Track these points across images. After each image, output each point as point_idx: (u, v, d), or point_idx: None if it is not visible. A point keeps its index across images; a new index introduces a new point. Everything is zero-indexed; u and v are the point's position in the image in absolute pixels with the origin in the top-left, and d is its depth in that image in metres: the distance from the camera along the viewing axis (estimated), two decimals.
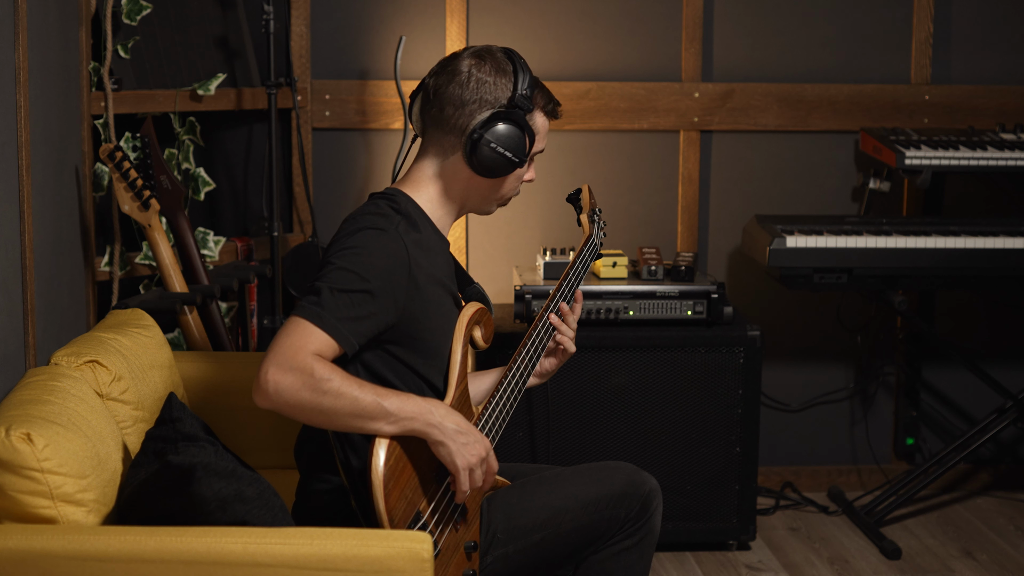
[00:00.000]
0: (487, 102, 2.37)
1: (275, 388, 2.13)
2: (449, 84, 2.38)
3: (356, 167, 3.96)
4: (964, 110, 4.09)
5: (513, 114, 2.37)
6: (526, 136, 2.38)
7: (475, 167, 2.37)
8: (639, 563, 2.53)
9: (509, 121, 2.36)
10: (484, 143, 2.35)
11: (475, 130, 2.35)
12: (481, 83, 2.37)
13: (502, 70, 2.39)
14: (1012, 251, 3.66)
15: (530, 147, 2.41)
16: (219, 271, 3.55)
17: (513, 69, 2.39)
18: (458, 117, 2.38)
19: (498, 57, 2.40)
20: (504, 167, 2.38)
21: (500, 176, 2.40)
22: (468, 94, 2.37)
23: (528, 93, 2.38)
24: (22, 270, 2.59)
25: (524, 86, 2.38)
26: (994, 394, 4.00)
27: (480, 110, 2.37)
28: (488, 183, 2.42)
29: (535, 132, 2.43)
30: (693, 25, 3.99)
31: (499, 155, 2.36)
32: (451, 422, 2.25)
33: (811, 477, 4.23)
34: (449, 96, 2.38)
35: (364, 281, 2.23)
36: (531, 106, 2.39)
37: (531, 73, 2.41)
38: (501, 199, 2.49)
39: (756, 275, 4.10)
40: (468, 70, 2.38)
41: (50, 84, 2.90)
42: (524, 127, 2.38)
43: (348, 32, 3.91)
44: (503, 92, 2.38)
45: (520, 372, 2.51)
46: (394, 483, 2.19)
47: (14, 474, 2.09)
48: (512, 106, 2.37)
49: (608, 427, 3.58)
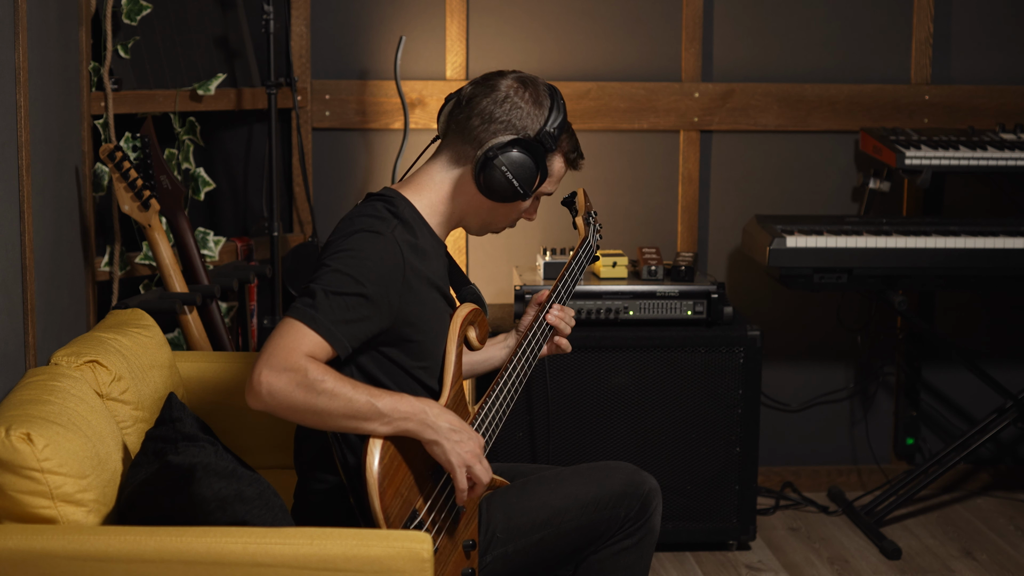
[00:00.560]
0: (514, 127, 2.37)
1: (268, 390, 2.14)
2: (484, 97, 2.39)
3: (356, 167, 3.96)
4: (964, 110, 4.09)
5: (533, 147, 2.37)
6: (538, 171, 2.38)
7: (480, 184, 2.37)
8: (639, 563, 2.53)
9: (526, 152, 2.36)
10: (496, 164, 2.35)
11: (492, 148, 2.35)
12: (515, 107, 2.37)
13: (539, 103, 2.39)
14: (1012, 251, 3.66)
15: (539, 184, 2.40)
16: (219, 271, 3.55)
17: (550, 105, 2.40)
18: (481, 131, 2.38)
19: (540, 89, 2.41)
20: (508, 193, 2.37)
21: (501, 201, 2.39)
22: (499, 113, 2.37)
23: (555, 133, 2.39)
24: (22, 270, 2.59)
25: (554, 124, 2.39)
26: (994, 394, 4.00)
27: (504, 132, 2.37)
28: (488, 206, 2.42)
29: (549, 172, 2.44)
30: (693, 25, 3.99)
31: (506, 181, 2.35)
32: (444, 421, 2.25)
33: (811, 477, 4.23)
34: (480, 108, 2.38)
35: (359, 284, 2.23)
36: (554, 146, 2.40)
37: (565, 116, 2.41)
38: (495, 226, 2.48)
39: (756, 275, 4.10)
40: (507, 91, 2.38)
41: (50, 84, 2.90)
42: (539, 162, 2.37)
43: (348, 32, 3.92)
44: (533, 123, 2.38)
45: (517, 372, 2.51)
46: (389, 482, 2.20)
47: (14, 474, 2.09)
48: (536, 140, 2.38)
49: (608, 427, 3.58)
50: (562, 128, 2.41)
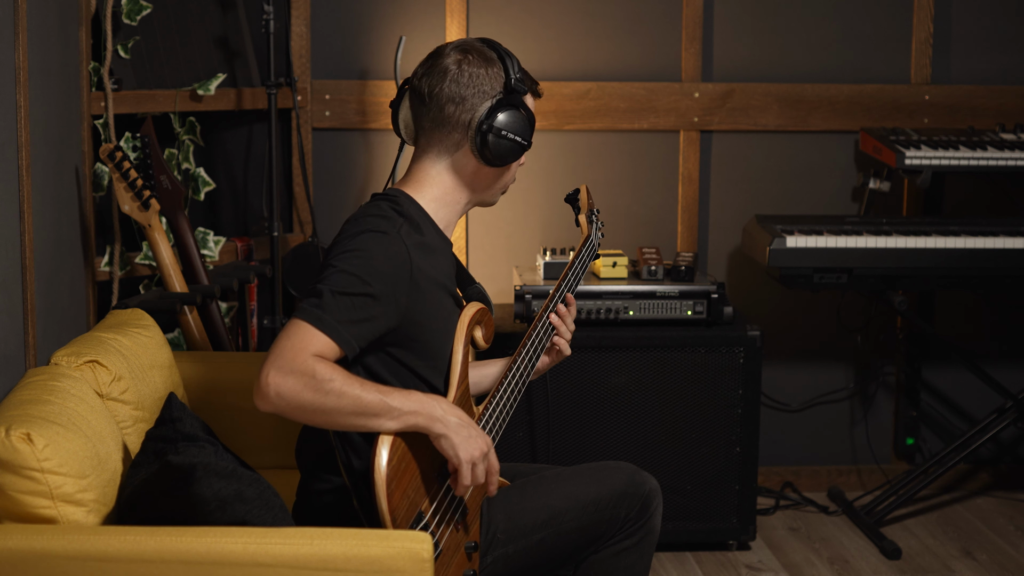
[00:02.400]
0: (485, 93, 2.39)
1: (276, 391, 2.13)
2: (443, 83, 2.39)
3: (356, 167, 3.96)
4: (964, 110, 4.09)
5: (513, 99, 2.39)
6: (528, 117, 2.41)
7: (487, 158, 2.38)
8: (639, 563, 2.53)
9: (511, 107, 2.38)
10: (494, 133, 2.37)
11: (481, 124, 2.37)
12: (474, 76, 2.38)
13: (489, 59, 2.41)
14: (1012, 251, 3.66)
15: (533, 127, 2.42)
16: (219, 271, 3.55)
17: (499, 56, 2.41)
18: (460, 113, 2.38)
19: (481, 48, 2.42)
20: (515, 152, 2.40)
21: (511, 162, 2.42)
22: (465, 89, 2.38)
23: (520, 76, 2.42)
24: (22, 270, 2.59)
25: (515, 71, 2.41)
26: (994, 394, 4.00)
27: (481, 102, 2.38)
28: (494, 172, 2.44)
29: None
30: (693, 25, 3.99)
31: (511, 141, 2.38)
32: (453, 416, 2.26)
33: (811, 477, 4.23)
34: (447, 95, 2.38)
35: (365, 284, 2.23)
36: (524, 88, 2.42)
37: (515, 57, 2.44)
38: (504, 186, 2.51)
39: (756, 275, 4.10)
40: (458, 66, 2.39)
41: (50, 84, 2.90)
42: (525, 108, 2.40)
43: (348, 32, 3.91)
44: (497, 81, 2.40)
45: (520, 372, 2.51)
46: (396, 483, 2.20)
47: (14, 474, 2.09)
48: (509, 91, 2.39)
49: (608, 427, 3.58)
50: (520, 71, 2.43)
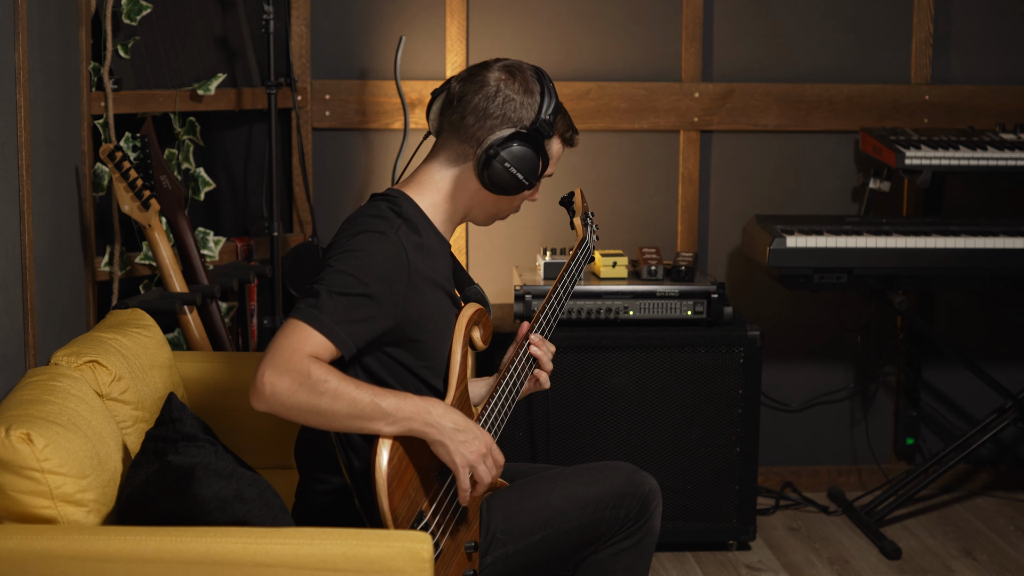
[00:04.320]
0: (509, 120, 2.37)
1: (271, 391, 2.13)
2: (476, 94, 2.37)
3: (356, 167, 3.96)
4: (964, 110, 4.09)
5: (532, 137, 2.36)
6: (540, 160, 2.38)
7: (484, 181, 2.37)
8: (639, 563, 2.53)
9: (527, 143, 2.35)
10: (498, 160, 2.35)
11: (492, 146, 2.35)
12: (508, 100, 2.36)
13: (530, 90, 2.38)
14: (1012, 251, 3.66)
15: (543, 171, 2.41)
16: (219, 271, 3.55)
17: (541, 91, 2.39)
18: (478, 129, 2.37)
19: (528, 76, 2.40)
20: (513, 187, 2.37)
21: (507, 194, 2.40)
22: (493, 108, 2.36)
23: (551, 119, 2.38)
24: (22, 270, 2.59)
25: (548, 111, 2.38)
26: (994, 394, 4.00)
27: (501, 126, 2.36)
28: (493, 198, 2.42)
29: (550, 157, 2.43)
30: (693, 25, 3.99)
31: (511, 175, 2.35)
32: (449, 420, 2.25)
33: (811, 477, 4.23)
34: (473, 106, 2.37)
35: (363, 285, 2.22)
36: (551, 132, 2.39)
37: (557, 98, 2.40)
38: (501, 215, 2.49)
39: (756, 275, 4.10)
40: (497, 84, 2.37)
41: (50, 84, 2.90)
42: (540, 152, 2.37)
43: (348, 32, 3.91)
44: (527, 113, 2.37)
45: (520, 372, 2.51)
46: (397, 482, 2.20)
47: (14, 474, 2.09)
48: (533, 129, 2.37)
49: (608, 427, 3.58)
50: (556, 112, 2.40)
